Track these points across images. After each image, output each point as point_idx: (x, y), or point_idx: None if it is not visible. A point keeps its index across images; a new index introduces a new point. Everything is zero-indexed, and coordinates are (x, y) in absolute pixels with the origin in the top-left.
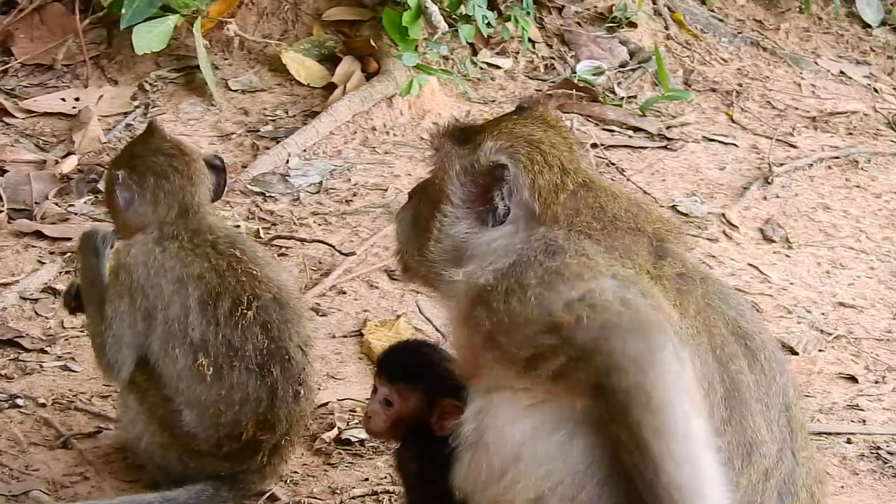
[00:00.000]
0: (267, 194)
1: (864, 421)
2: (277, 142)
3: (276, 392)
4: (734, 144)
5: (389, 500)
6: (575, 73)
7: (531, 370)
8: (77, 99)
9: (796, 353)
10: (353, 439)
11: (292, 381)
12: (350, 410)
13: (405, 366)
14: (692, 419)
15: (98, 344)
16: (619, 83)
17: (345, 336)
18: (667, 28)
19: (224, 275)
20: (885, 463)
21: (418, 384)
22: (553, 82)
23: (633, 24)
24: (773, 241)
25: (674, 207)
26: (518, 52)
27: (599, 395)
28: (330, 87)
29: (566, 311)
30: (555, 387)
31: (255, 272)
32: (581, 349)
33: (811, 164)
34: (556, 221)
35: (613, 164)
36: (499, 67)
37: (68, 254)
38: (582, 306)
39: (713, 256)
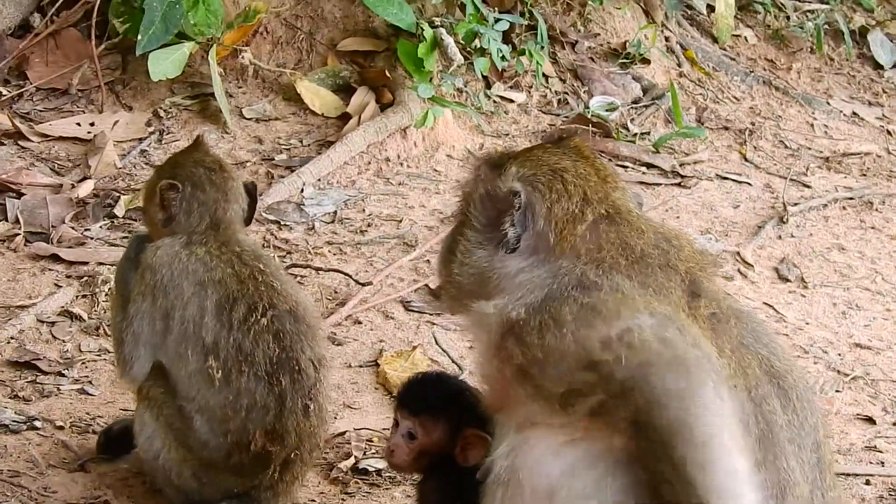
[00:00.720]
0: (282, 223)
1: (882, 463)
2: (292, 171)
3: (285, 402)
4: (748, 183)
5: None
6: (588, 108)
7: (567, 406)
8: (92, 124)
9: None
10: (370, 469)
11: (302, 395)
12: (367, 440)
13: (427, 398)
14: (735, 454)
15: (117, 339)
16: (633, 119)
17: (360, 366)
18: (679, 65)
19: (245, 282)
20: None
21: (441, 416)
22: (566, 117)
23: (646, 61)
24: (788, 281)
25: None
26: (532, 87)
27: (640, 432)
28: (344, 118)
29: (604, 349)
30: (592, 423)
31: (275, 285)
32: (620, 386)
33: (825, 205)
34: (578, 255)
35: None
36: (512, 101)
37: (85, 278)
38: (620, 345)
39: (728, 295)
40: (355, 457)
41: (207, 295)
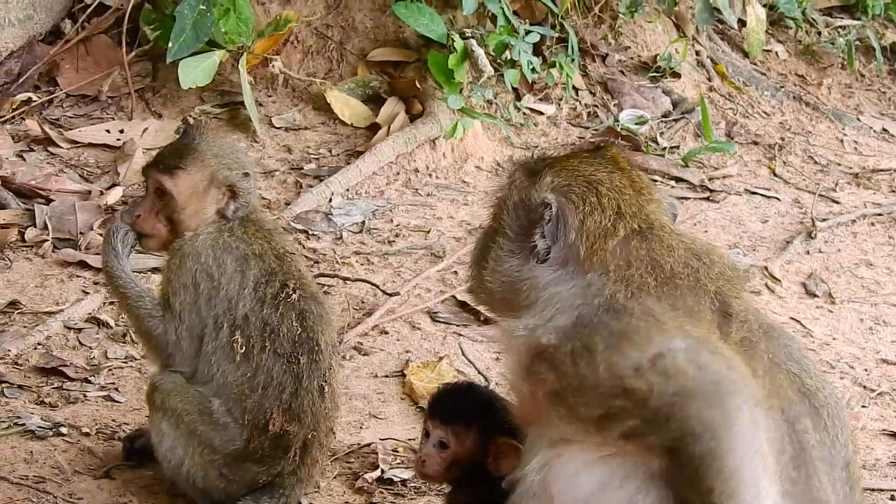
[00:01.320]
0: (310, 232)
1: None
2: (320, 180)
3: (301, 381)
4: (776, 198)
5: None
6: (618, 121)
7: (602, 429)
8: (122, 131)
9: None
10: (396, 479)
11: (318, 375)
12: (393, 450)
13: (459, 407)
14: (763, 484)
15: (152, 337)
16: (662, 133)
17: (387, 376)
18: (710, 80)
19: (281, 258)
20: None
21: (473, 425)
22: (596, 130)
23: (676, 75)
24: (815, 296)
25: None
26: (561, 99)
27: (673, 457)
28: (373, 128)
29: (637, 378)
30: (626, 443)
31: (301, 267)
32: (654, 414)
33: (854, 220)
34: (606, 270)
35: None
36: (542, 113)
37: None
38: (654, 372)
39: (758, 310)
40: (381, 467)
41: (250, 267)
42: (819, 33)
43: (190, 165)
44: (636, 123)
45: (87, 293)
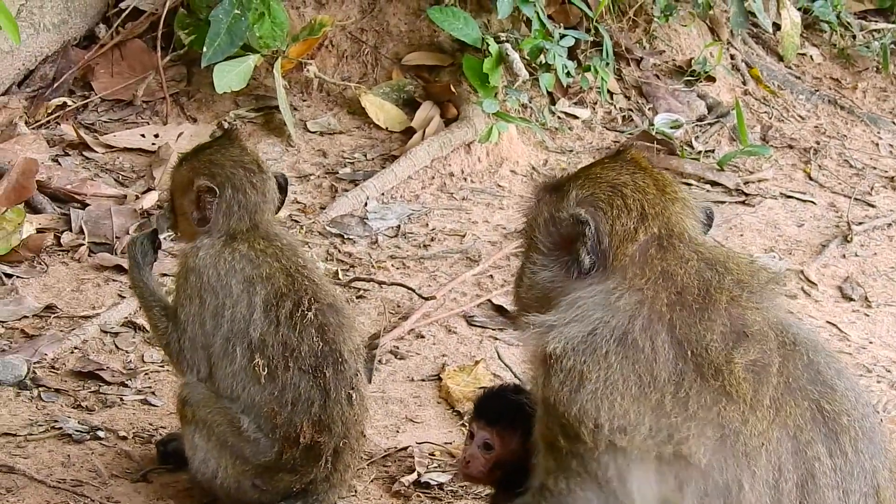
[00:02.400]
0: (345, 236)
1: None
2: (356, 184)
3: (330, 393)
4: (812, 202)
5: None
6: (653, 125)
7: (546, 453)
8: (156, 135)
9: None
10: (433, 483)
11: (345, 384)
12: (429, 454)
13: (504, 408)
14: None
15: (174, 349)
16: (697, 137)
17: (423, 380)
18: (744, 83)
19: (291, 276)
20: None
21: (518, 426)
22: (631, 134)
23: (711, 79)
24: (851, 300)
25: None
26: (596, 103)
27: None
28: (408, 132)
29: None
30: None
31: (315, 279)
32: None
33: (890, 224)
34: (624, 276)
35: None
36: (577, 117)
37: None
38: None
39: (791, 313)
40: (418, 471)
41: (256, 291)
42: (854, 37)
43: (187, 161)
44: (671, 127)
45: (124, 297)
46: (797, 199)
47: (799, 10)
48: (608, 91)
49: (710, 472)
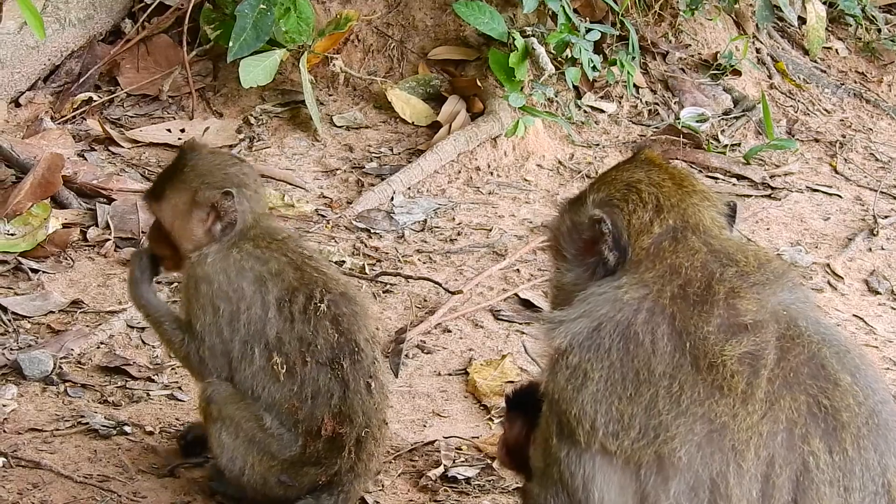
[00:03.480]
0: (372, 231)
1: None
2: (382, 179)
3: (348, 384)
4: (838, 195)
5: None
6: (679, 119)
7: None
8: (182, 130)
9: None
10: (460, 477)
11: (363, 374)
12: (456, 448)
13: (516, 394)
14: None
15: (193, 360)
16: (723, 131)
17: (450, 374)
18: (770, 77)
19: (301, 269)
20: None
21: (520, 412)
22: (657, 128)
23: (737, 72)
24: (878, 293)
25: (778, 257)
26: (622, 97)
27: None
28: (435, 126)
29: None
30: None
31: (324, 269)
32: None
33: None
34: (637, 269)
35: None
36: (603, 111)
37: (174, 283)
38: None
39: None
40: (444, 465)
41: (268, 290)
42: (879, 30)
43: (171, 189)
44: (697, 121)
45: None
46: (823, 192)
47: (824, 3)
48: (634, 85)
49: (695, 468)
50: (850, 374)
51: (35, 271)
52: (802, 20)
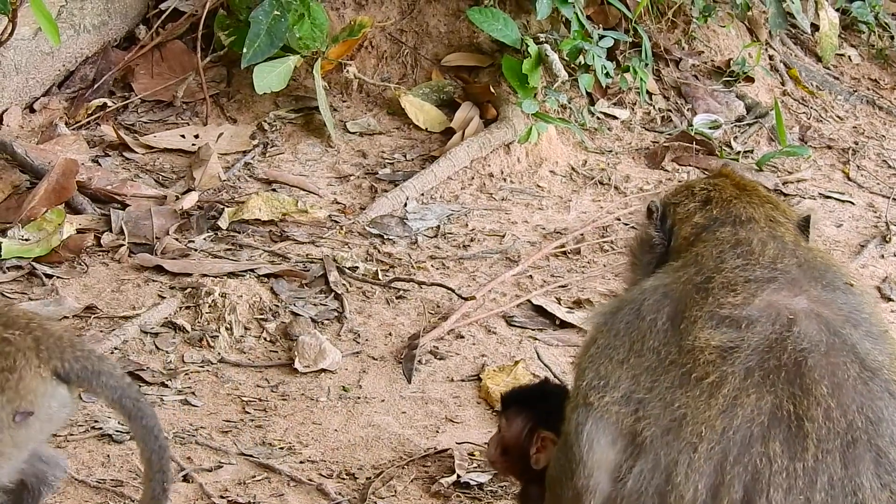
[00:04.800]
0: (385, 237)
1: None
2: (395, 185)
3: None
4: (850, 202)
5: None
6: (692, 126)
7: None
8: (196, 136)
9: None
10: (473, 483)
11: None
12: (469, 454)
13: (516, 394)
14: None
15: None
16: (736, 137)
17: (463, 380)
18: (783, 84)
19: None
20: None
21: (521, 411)
22: (670, 135)
23: (750, 79)
24: (890, 300)
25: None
26: (635, 104)
27: None
28: (448, 132)
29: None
30: None
31: None
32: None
33: None
34: (676, 258)
35: None
36: (616, 118)
37: (188, 289)
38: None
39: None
40: (457, 472)
41: None
42: (892, 37)
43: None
44: (710, 128)
45: (164, 297)
46: (836, 199)
47: (837, 10)
48: (647, 92)
49: (658, 451)
50: (833, 386)
51: (49, 276)
52: (815, 27)
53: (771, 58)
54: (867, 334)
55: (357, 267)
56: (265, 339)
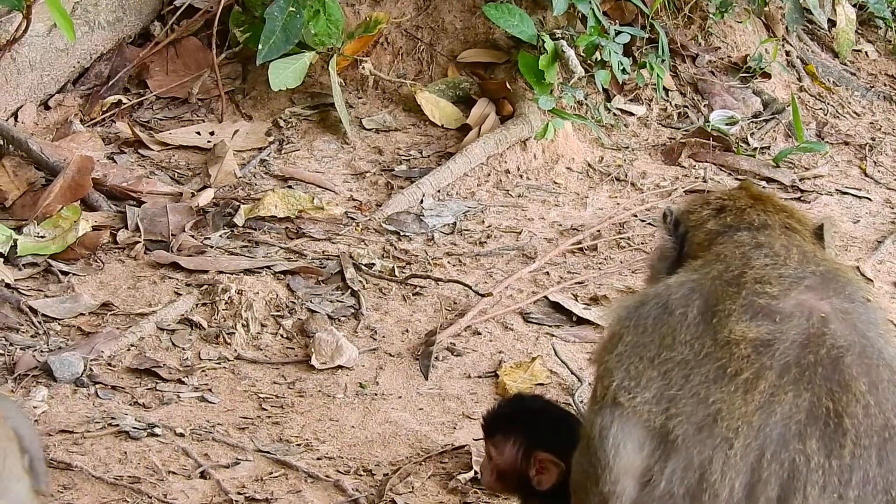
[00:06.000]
0: (401, 233)
1: None
2: (411, 181)
3: None
4: (867, 198)
5: None
6: (708, 122)
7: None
8: (212, 133)
9: None
10: None
11: None
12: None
13: (499, 419)
14: None
15: None
16: (753, 133)
17: (480, 376)
18: (800, 80)
19: None
20: None
21: (509, 436)
22: (686, 131)
23: (766, 75)
24: None
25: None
26: (652, 100)
27: None
28: (464, 129)
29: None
30: None
31: None
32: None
33: None
34: (691, 264)
35: None
36: (632, 114)
37: (205, 286)
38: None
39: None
40: (475, 469)
41: None
42: None
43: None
44: (727, 124)
45: (180, 294)
46: (853, 195)
47: (854, 6)
48: (664, 88)
49: (691, 449)
50: (870, 385)
51: (65, 273)
52: (832, 23)
53: (788, 54)
54: (887, 343)
55: (373, 263)
56: (282, 335)
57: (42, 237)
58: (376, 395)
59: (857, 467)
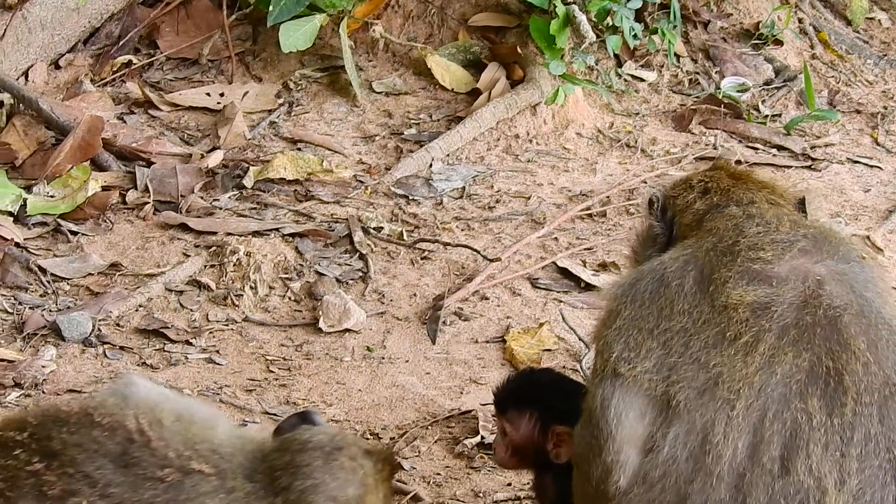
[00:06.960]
0: (410, 197)
1: None
2: (421, 145)
3: None
4: (879, 167)
5: None
6: (719, 89)
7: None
8: (222, 94)
9: None
10: None
11: None
12: (493, 416)
13: (512, 394)
14: None
15: None
16: (764, 101)
17: (487, 341)
18: (812, 47)
19: None
20: None
21: (525, 411)
22: (697, 97)
23: (778, 42)
24: None
25: (835, 231)
26: (663, 66)
27: None
28: (474, 93)
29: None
30: None
31: None
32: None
33: None
34: (682, 243)
35: None
36: (643, 80)
37: (213, 248)
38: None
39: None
40: (481, 434)
41: None
42: None
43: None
44: (738, 91)
45: (188, 256)
46: (864, 164)
47: None
48: (675, 54)
49: (693, 413)
50: (869, 343)
51: (74, 233)
52: None
53: (800, 21)
54: (885, 303)
55: (382, 227)
56: (290, 298)
57: (52, 197)
58: (383, 358)
59: (859, 425)
